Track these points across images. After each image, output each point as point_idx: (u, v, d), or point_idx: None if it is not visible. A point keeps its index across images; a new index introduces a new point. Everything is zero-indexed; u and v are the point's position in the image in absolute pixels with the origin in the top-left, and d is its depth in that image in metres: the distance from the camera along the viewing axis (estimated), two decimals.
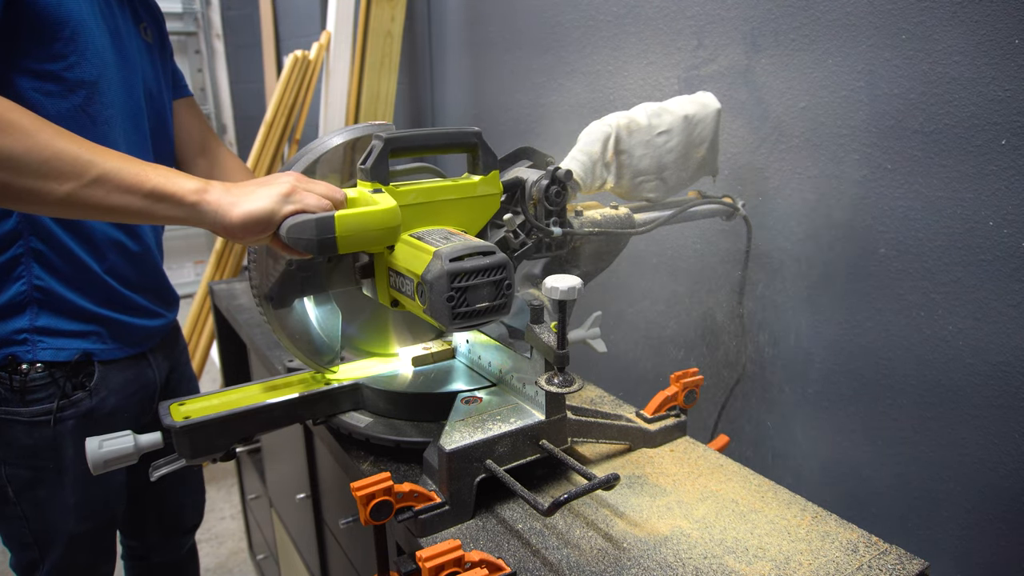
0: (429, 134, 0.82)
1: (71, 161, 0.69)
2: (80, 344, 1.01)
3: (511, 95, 1.73)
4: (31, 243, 0.96)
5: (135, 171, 0.71)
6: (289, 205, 0.71)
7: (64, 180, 0.69)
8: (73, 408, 1.02)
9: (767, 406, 1.20)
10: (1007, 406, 0.89)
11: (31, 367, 0.98)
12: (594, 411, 0.94)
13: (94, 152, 0.70)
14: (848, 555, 0.73)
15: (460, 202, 0.83)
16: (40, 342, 0.98)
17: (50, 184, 0.69)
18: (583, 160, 0.94)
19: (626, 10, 1.35)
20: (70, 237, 0.98)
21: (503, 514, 0.80)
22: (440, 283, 0.69)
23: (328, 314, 0.94)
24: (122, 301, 1.05)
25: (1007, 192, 0.85)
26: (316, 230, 0.71)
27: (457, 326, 0.71)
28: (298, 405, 0.88)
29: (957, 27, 0.87)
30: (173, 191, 0.71)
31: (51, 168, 0.69)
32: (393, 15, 2.10)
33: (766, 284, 1.17)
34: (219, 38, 4.39)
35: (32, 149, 0.68)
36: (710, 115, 1.04)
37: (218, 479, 2.70)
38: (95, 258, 1.01)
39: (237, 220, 0.70)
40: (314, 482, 1.28)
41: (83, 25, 0.91)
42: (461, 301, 0.70)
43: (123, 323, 1.06)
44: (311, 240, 0.71)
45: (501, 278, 0.72)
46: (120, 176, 0.70)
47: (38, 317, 0.98)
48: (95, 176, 0.70)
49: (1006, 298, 0.87)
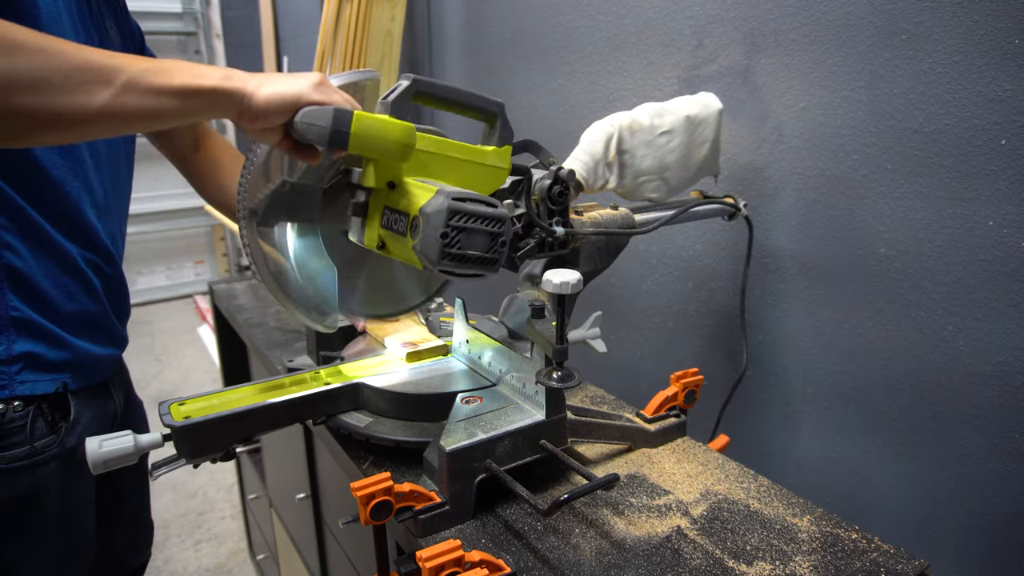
0: (456, 88, 0.81)
1: (96, 70, 0.64)
2: (59, 376, 0.91)
3: (511, 95, 1.73)
4: (5, 259, 0.86)
5: (158, 70, 0.67)
6: (317, 93, 0.70)
7: (96, 90, 0.64)
8: (57, 448, 0.91)
9: (767, 406, 1.21)
10: (1007, 406, 0.89)
11: (8, 406, 0.86)
12: (594, 411, 0.94)
13: (112, 57, 0.66)
14: (848, 555, 0.73)
15: (469, 164, 0.82)
16: (17, 375, 0.87)
17: (83, 97, 0.64)
18: (585, 160, 0.94)
19: (626, 10, 1.35)
20: (44, 253, 0.89)
21: (503, 514, 0.80)
22: (438, 217, 0.67)
23: (324, 269, 0.91)
24: (95, 325, 0.98)
25: (1007, 192, 0.85)
26: (333, 119, 0.68)
27: (443, 266, 0.69)
28: (298, 405, 0.88)
29: (957, 27, 0.87)
30: (203, 85, 0.68)
31: (79, 80, 0.63)
32: (393, 15, 2.10)
33: (767, 284, 1.17)
34: (219, 38, 4.39)
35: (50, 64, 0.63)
36: (712, 115, 1.04)
37: (218, 479, 2.70)
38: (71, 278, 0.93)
39: (263, 100, 0.68)
40: (314, 482, 1.28)
41: (60, 26, 0.85)
42: (455, 241, 0.68)
43: (92, 350, 0.97)
44: (324, 128, 0.68)
45: (498, 231, 0.71)
46: (148, 78, 0.66)
47: (14, 344, 0.87)
48: (125, 82, 0.65)
49: (1006, 298, 0.87)
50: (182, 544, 2.32)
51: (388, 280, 1.04)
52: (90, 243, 0.94)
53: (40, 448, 0.89)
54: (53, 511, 0.93)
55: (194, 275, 4.86)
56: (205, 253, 4.88)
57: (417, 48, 2.22)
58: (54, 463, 0.91)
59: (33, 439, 0.88)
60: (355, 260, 0.98)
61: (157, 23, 4.21)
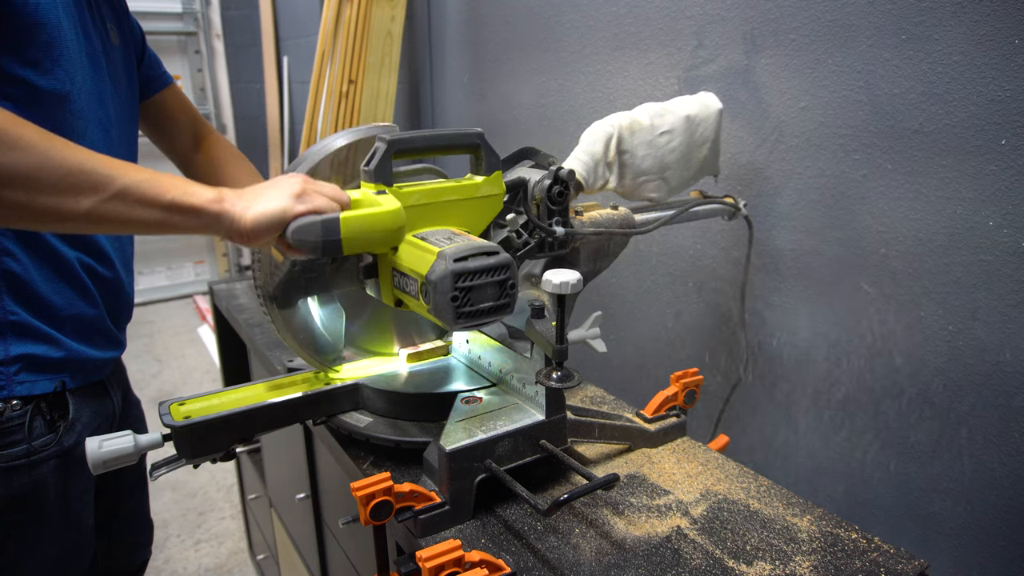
0: (432, 135, 0.82)
1: (90, 175, 0.67)
2: (57, 376, 0.93)
3: (511, 95, 1.73)
4: (4, 264, 0.87)
5: (153, 183, 0.69)
6: (300, 205, 0.71)
7: (84, 196, 0.67)
8: (56, 446, 0.92)
9: (767, 406, 1.21)
10: (1007, 406, 0.89)
11: (7, 405, 0.88)
12: (594, 411, 0.94)
13: (111, 166, 0.69)
14: (848, 555, 0.73)
15: (463, 203, 0.83)
16: (15, 376, 0.89)
17: (70, 201, 0.66)
18: (585, 160, 0.94)
19: (626, 10, 1.35)
20: (42, 259, 0.90)
21: (503, 514, 0.80)
22: (444, 283, 0.69)
23: (332, 313, 0.94)
24: (91, 328, 0.98)
25: (1007, 192, 0.85)
26: (322, 231, 0.71)
27: (461, 326, 0.71)
28: (298, 405, 0.88)
29: (957, 27, 0.87)
30: (192, 203, 0.70)
31: (70, 184, 0.66)
32: (393, 15, 2.10)
33: (767, 284, 1.17)
34: (219, 38, 4.39)
35: (45, 165, 0.65)
36: (712, 115, 1.04)
37: (218, 479, 2.70)
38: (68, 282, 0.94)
39: (250, 223, 0.70)
40: (314, 482, 1.28)
41: (59, 31, 0.86)
42: (465, 301, 0.70)
43: (89, 352, 0.98)
44: (316, 242, 0.71)
45: (505, 278, 0.72)
46: (141, 190, 0.68)
47: (11, 346, 0.89)
48: (117, 190, 0.68)
49: (1006, 298, 0.87)
50: (182, 544, 2.32)
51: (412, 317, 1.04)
52: (84, 245, 0.95)
53: (38, 447, 0.90)
54: (52, 510, 0.94)
55: (194, 275, 4.85)
56: (205, 253, 4.88)
57: (417, 48, 2.22)
58: (53, 462, 0.92)
59: (31, 438, 0.89)
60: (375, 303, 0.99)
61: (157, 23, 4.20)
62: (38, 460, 0.90)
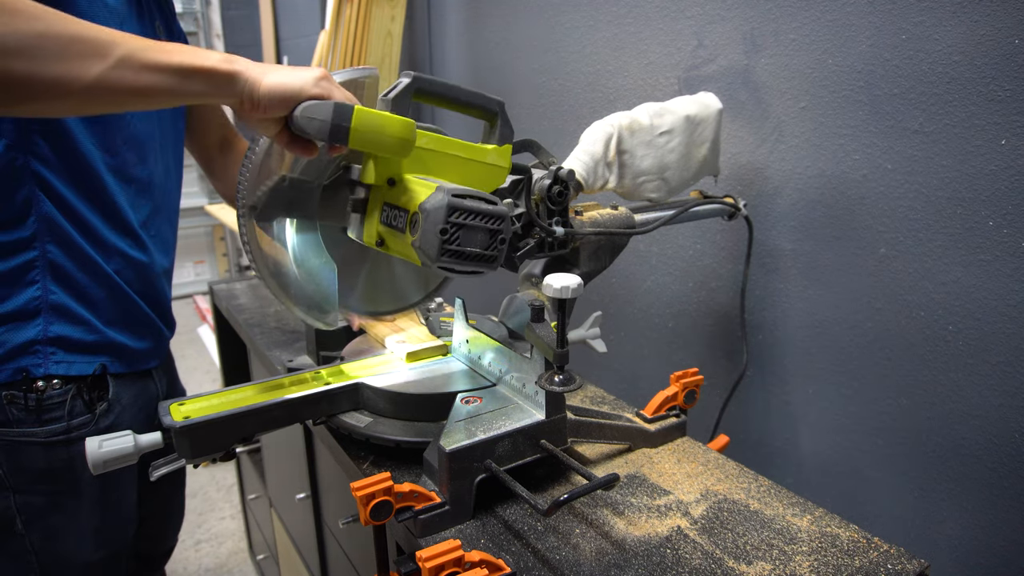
0: (457, 86, 0.81)
1: (93, 42, 0.64)
2: (95, 358, 0.97)
3: (511, 95, 1.73)
4: (47, 248, 0.91)
5: (158, 47, 0.68)
6: (317, 88, 0.70)
7: (90, 63, 0.64)
8: (93, 425, 0.96)
9: (767, 406, 1.21)
10: (1007, 406, 0.89)
11: (47, 383, 0.93)
12: (594, 411, 0.94)
13: (111, 33, 0.67)
14: (848, 555, 0.73)
15: (469, 163, 0.82)
16: (53, 354, 0.93)
17: (76, 67, 0.64)
18: (585, 160, 0.94)
19: (626, 10, 1.35)
20: (85, 242, 0.94)
21: (503, 514, 0.80)
22: (437, 213, 0.67)
23: (324, 267, 0.92)
24: (127, 314, 1.02)
25: (1007, 192, 0.85)
26: (333, 113, 0.68)
27: (442, 263, 0.69)
28: (298, 405, 0.88)
29: (957, 27, 0.87)
30: (202, 64, 0.68)
31: (75, 51, 0.64)
32: (393, 15, 2.10)
33: (767, 284, 1.17)
34: (219, 38, 4.39)
35: (49, 31, 0.63)
36: (712, 115, 1.04)
37: (218, 479, 2.70)
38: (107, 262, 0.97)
39: (265, 90, 0.68)
40: (314, 482, 1.28)
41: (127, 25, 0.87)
42: (454, 238, 0.68)
43: (126, 340, 1.01)
44: (325, 122, 0.68)
45: (498, 228, 0.71)
46: (146, 54, 0.67)
47: (50, 327, 0.93)
48: (121, 56, 0.65)
49: (1006, 298, 0.87)
50: (182, 544, 2.32)
51: (388, 278, 1.04)
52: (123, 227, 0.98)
53: (76, 426, 0.95)
54: (91, 486, 0.98)
55: (194, 275, 4.85)
56: (205, 253, 4.88)
57: (417, 48, 2.22)
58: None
59: (71, 417, 0.94)
60: (354, 258, 0.98)
61: None
62: (76, 438, 0.95)
